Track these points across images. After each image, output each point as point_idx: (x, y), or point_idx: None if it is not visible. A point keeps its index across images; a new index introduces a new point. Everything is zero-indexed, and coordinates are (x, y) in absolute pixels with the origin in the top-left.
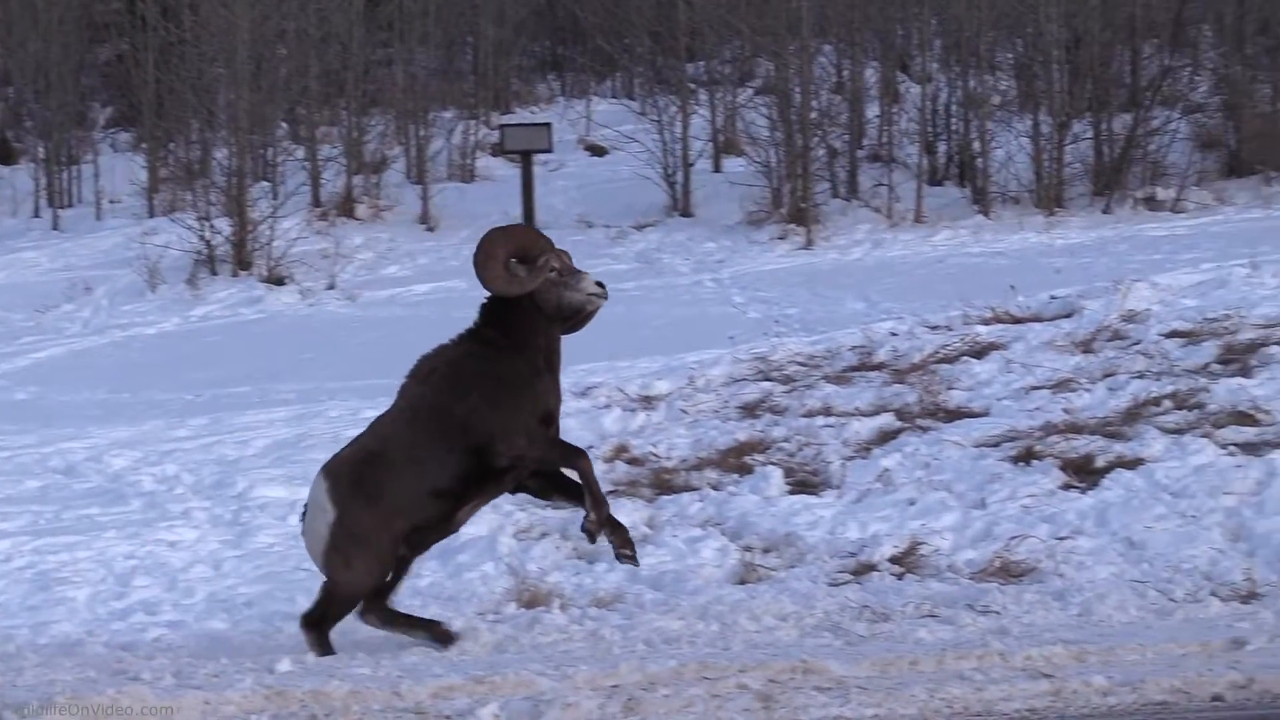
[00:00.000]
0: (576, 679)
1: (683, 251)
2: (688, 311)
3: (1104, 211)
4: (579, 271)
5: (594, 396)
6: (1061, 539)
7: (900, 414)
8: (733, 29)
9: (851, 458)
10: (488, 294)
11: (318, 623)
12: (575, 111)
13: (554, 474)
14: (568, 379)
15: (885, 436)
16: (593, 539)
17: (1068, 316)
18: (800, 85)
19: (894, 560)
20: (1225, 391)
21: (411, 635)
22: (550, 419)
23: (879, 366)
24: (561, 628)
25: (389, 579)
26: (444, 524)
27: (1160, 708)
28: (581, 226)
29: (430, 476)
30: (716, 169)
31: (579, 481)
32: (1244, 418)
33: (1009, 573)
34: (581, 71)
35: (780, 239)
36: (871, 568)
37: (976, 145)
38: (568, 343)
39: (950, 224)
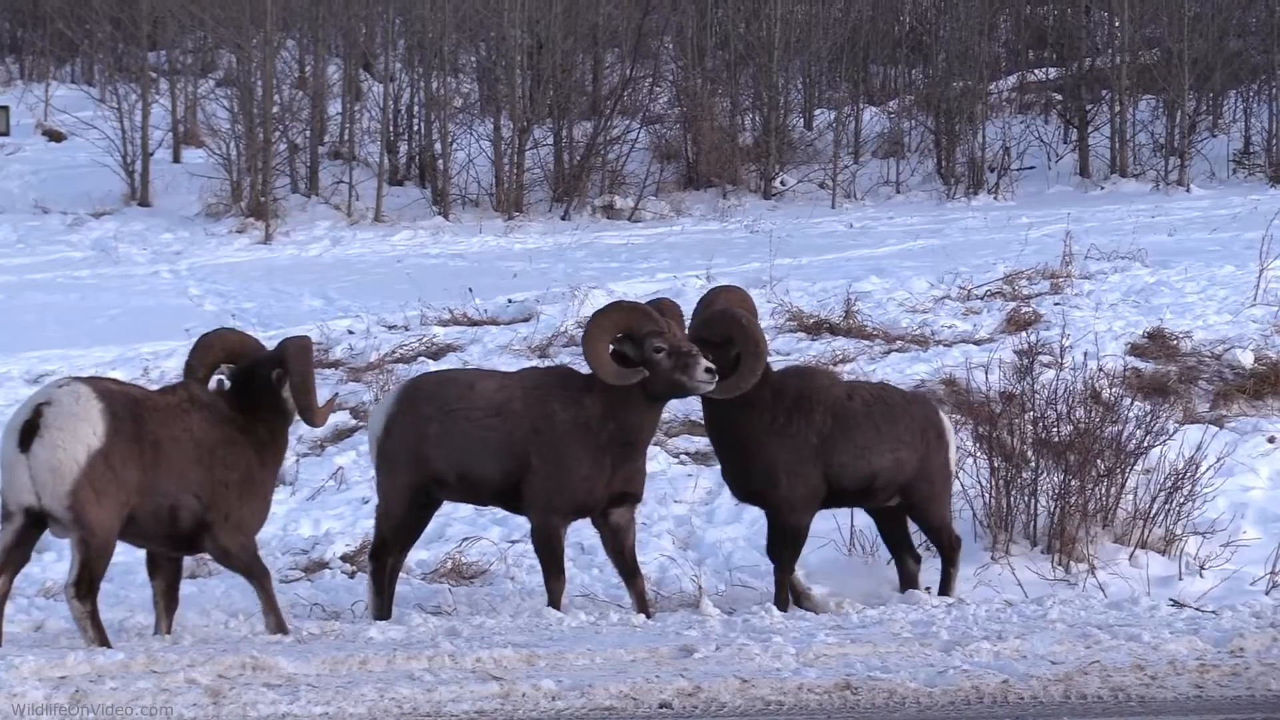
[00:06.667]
0: (23, 669)
1: (140, 241)
2: (144, 302)
3: (563, 218)
4: (692, 354)
5: None
6: (514, 542)
7: (355, 412)
8: (196, 19)
9: (306, 454)
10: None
11: None
12: (34, 95)
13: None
14: (21, 365)
15: (340, 435)
16: None
17: (525, 320)
18: (263, 79)
19: (346, 559)
20: (678, 400)
21: None
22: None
23: (335, 364)
24: (8, 617)
25: None
26: None
27: (608, 713)
28: (38, 212)
29: None
30: (176, 159)
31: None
32: (696, 427)
33: (461, 574)
34: (41, 55)
35: (239, 232)
36: (323, 565)
37: (438, 147)
38: (20, 326)
39: (410, 224)
